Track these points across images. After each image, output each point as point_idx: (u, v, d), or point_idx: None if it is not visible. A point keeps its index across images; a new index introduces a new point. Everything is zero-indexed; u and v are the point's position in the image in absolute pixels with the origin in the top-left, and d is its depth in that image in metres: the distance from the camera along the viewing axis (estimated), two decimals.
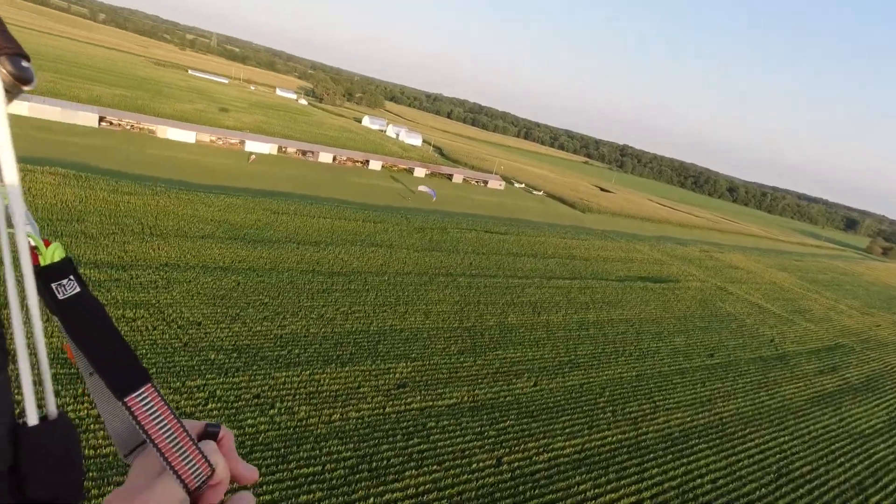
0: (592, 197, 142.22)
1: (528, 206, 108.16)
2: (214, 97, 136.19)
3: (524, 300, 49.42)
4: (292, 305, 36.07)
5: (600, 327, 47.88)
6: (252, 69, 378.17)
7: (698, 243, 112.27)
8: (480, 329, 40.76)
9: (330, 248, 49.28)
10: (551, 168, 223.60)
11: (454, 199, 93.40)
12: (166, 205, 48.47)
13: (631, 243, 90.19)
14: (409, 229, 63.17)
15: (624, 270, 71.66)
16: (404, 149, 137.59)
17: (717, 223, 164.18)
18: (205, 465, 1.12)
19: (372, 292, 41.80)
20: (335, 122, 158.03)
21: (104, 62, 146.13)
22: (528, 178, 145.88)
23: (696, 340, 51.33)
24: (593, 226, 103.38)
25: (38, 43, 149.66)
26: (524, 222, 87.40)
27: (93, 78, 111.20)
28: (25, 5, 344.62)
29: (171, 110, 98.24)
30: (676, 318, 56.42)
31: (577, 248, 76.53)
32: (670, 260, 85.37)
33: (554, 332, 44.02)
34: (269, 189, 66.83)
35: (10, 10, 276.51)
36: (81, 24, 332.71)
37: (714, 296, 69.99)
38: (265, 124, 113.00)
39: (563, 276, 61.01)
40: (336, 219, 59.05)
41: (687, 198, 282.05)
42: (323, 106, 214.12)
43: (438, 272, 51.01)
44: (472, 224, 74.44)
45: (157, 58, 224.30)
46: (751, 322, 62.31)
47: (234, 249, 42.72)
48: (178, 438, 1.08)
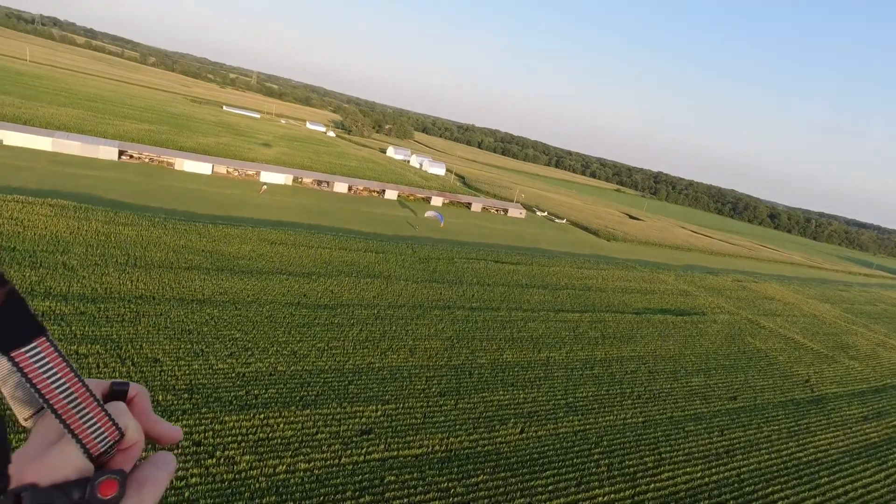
0: (619, 225, 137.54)
1: (548, 234, 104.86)
2: (241, 131, 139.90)
3: (525, 335, 46.15)
4: (265, 341, 34.15)
5: (607, 365, 44.01)
6: (288, 104, 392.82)
7: (731, 272, 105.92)
8: (470, 367, 37.77)
9: (322, 279, 47.57)
10: (580, 196, 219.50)
11: (469, 228, 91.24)
12: (160, 235, 48.04)
13: (655, 273, 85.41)
14: (413, 259, 61.11)
15: (643, 302, 67.25)
16: (425, 178, 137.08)
17: (755, 251, 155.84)
18: (111, 428, 1.04)
19: (356, 327, 39.56)
20: (359, 152, 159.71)
21: (141, 100, 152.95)
22: (553, 207, 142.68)
23: (718, 381, 46.63)
24: (616, 255, 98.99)
25: (82, 84, 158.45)
26: (540, 251, 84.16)
27: (125, 115, 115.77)
28: (84, 52, 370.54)
29: (192, 143, 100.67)
30: (697, 356, 51.75)
31: (593, 278, 72.63)
32: (697, 291, 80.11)
33: (553, 370, 40.53)
34: (274, 219, 66.33)
35: (73, 56, 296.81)
36: (132, 67, 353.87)
37: (743, 330, 64.57)
38: (286, 156, 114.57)
39: (573, 308, 57.36)
40: (335, 249, 57.60)
41: (724, 225, 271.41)
42: (350, 137, 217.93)
43: (435, 305, 48.44)
44: (483, 254, 71.83)
45: (197, 96, 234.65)
46: (783, 360, 56.76)
47: (218, 281, 41.46)
48: (79, 399, 0.98)
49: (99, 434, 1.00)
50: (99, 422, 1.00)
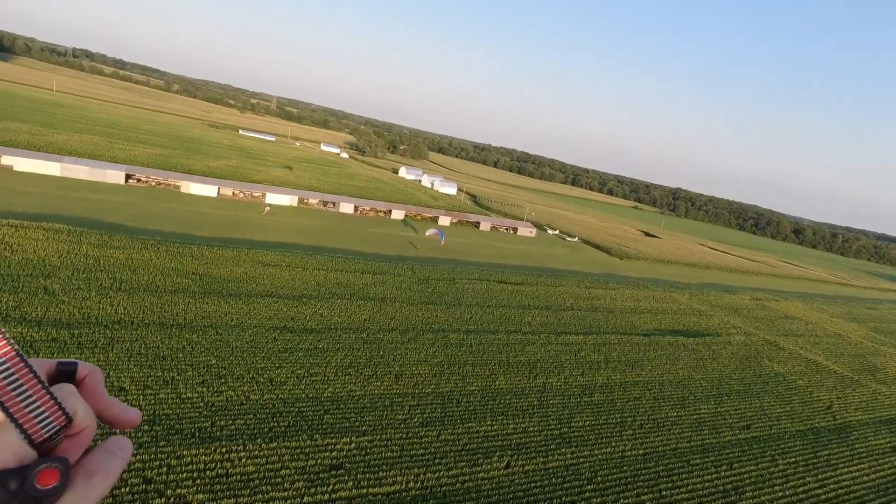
0: (633, 242, 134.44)
1: (558, 253, 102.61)
2: (253, 154, 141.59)
3: (522, 359, 44.03)
4: (241, 367, 32.85)
5: (609, 392, 41.55)
6: (306, 127, 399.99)
7: (750, 290, 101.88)
8: (458, 395, 35.84)
9: (312, 302, 46.34)
10: (596, 213, 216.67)
11: (476, 248, 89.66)
12: (150, 258, 47.55)
13: (668, 292, 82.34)
14: (412, 280, 59.65)
15: (654, 323, 64.45)
16: (435, 197, 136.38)
17: (777, 267, 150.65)
18: (56, 412, 0.95)
19: (341, 352, 38.05)
20: (369, 173, 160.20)
21: (158, 126, 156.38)
22: (566, 225, 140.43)
23: (730, 408, 43.69)
24: (629, 273, 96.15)
25: (103, 111, 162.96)
26: (548, 271, 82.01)
27: (139, 140, 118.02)
28: (112, 81, 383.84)
29: (201, 167, 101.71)
30: (708, 380, 48.82)
31: (601, 298, 70.10)
32: (712, 310, 76.77)
33: (549, 398, 38.31)
34: (274, 241, 65.76)
35: (99, 85, 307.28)
36: (156, 94, 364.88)
37: (760, 352, 61.18)
38: (294, 177, 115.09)
39: (576, 330, 55.02)
40: (331, 270, 56.51)
41: (746, 241, 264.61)
42: (363, 158, 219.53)
43: (429, 328, 46.74)
44: (486, 274, 70.03)
45: (215, 121, 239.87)
46: (803, 384, 53.32)
47: (203, 304, 40.52)
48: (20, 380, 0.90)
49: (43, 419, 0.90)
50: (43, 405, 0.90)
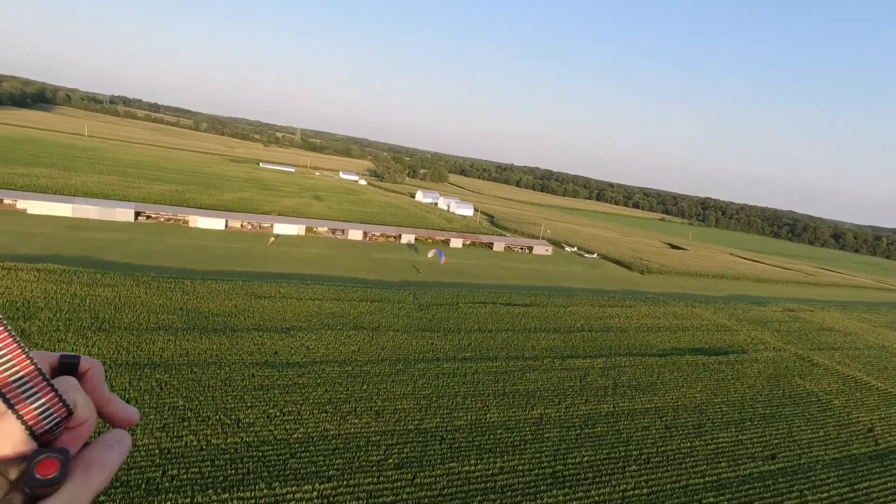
0: (656, 256, 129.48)
1: (575, 271, 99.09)
2: (267, 185, 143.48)
3: (520, 388, 41.16)
4: (209, 408, 31.19)
5: (614, 421, 38.21)
6: (329, 157, 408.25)
7: (783, 301, 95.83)
8: (444, 430, 33.27)
9: (301, 334, 44.72)
10: (619, 228, 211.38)
11: (487, 270, 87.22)
12: (139, 295, 46.95)
13: (690, 307, 77.83)
14: (411, 307, 57.59)
15: (672, 341, 60.45)
16: (449, 220, 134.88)
17: (814, 275, 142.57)
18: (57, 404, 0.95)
19: (322, 387, 36.07)
20: (384, 198, 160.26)
21: (179, 163, 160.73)
22: (585, 241, 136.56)
23: (753, 435, 39.64)
24: (649, 288, 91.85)
25: (127, 153, 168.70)
26: (561, 290, 78.78)
27: (156, 178, 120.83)
28: (144, 124, 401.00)
29: (213, 200, 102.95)
30: (730, 404, 44.76)
31: (615, 316, 66.46)
32: (738, 324, 71.94)
33: (545, 431, 35.30)
34: (274, 271, 64.94)
35: (131, 128, 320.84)
36: (185, 133, 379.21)
37: (791, 369, 56.39)
38: (305, 206, 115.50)
39: (585, 353, 51.74)
40: (327, 300, 54.99)
41: (782, 248, 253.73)
42: (381, 184, 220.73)
43: (421, 357, 44.42)
44: (493, 296, 67.42)
45: (238, 155, 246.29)
46: (840, 404, 48.49)
47: (183, 341, 39.33)
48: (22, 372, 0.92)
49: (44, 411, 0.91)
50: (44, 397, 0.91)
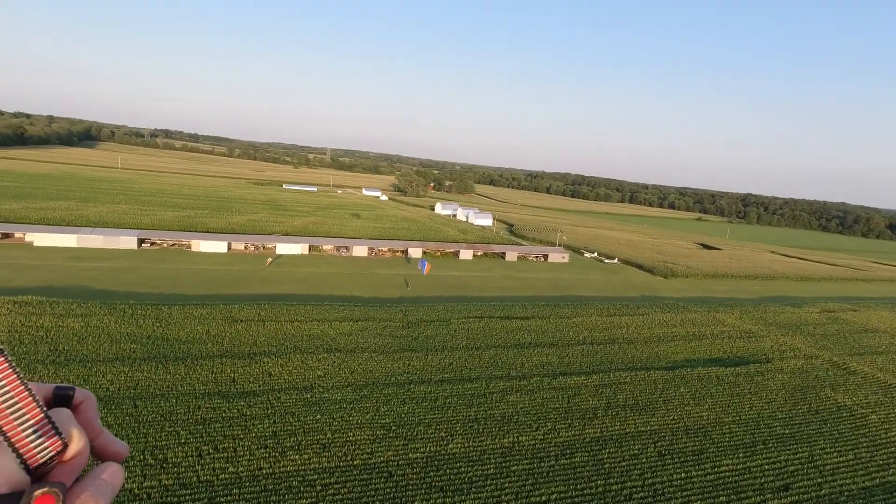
0: (684, 258, 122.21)
1: (592, 278, 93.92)
2: (284, 206, 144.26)
3: (495, 413, 37.36)
4: (138, 446, 28.93)
5: (598, 449, 33.89)
6: (358, 175, 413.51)
7: (823, 300, 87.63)
8: (394, 466, 29.92)
9: (267, 359, 42.39)
10: (650, 230, 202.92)
11: (494, 281, 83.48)
12: (108, 324, 45.83)
13: (712, 312, 71.65)
14: (398, 325, 54.60)
15: (685, 352, 55.09)
16: (464, 231, 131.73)
17: (864, 270, 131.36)
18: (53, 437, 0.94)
19: (270, 419, 33.42)
20: (401, 213, 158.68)
21: (201, 189, 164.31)
22: (609, 246, 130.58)
23: (766, 461, 34.44)
24: (670, 294, 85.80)
25: (153, 182, 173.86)
26: (570, 299, 74.16)
27: (174, 204, 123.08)
28: (180, 154, 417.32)
29: (223, 224, 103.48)
30: (742, 423, 39.50)
31: (624, 326, 61.46)
32: (765, 330, 65.41)
33: (513, 462, 31.42)
34: (266, 293, 63.39)
35: (167, 159, 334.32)
36: (217, 160, 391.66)
37: (822, 379, 50.11)
38: (315, 224, 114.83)
39: (580, 369, 47.35)
40: (307, 321, 52.67)
41: (830, 243, 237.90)
42: (402, 199, 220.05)
43: (392, 381, 41.27)
44: (491, 310, 63.68)
45: (265, 178, 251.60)
46: (877, 419, 42.24)
47: (136, 372, 37.58)
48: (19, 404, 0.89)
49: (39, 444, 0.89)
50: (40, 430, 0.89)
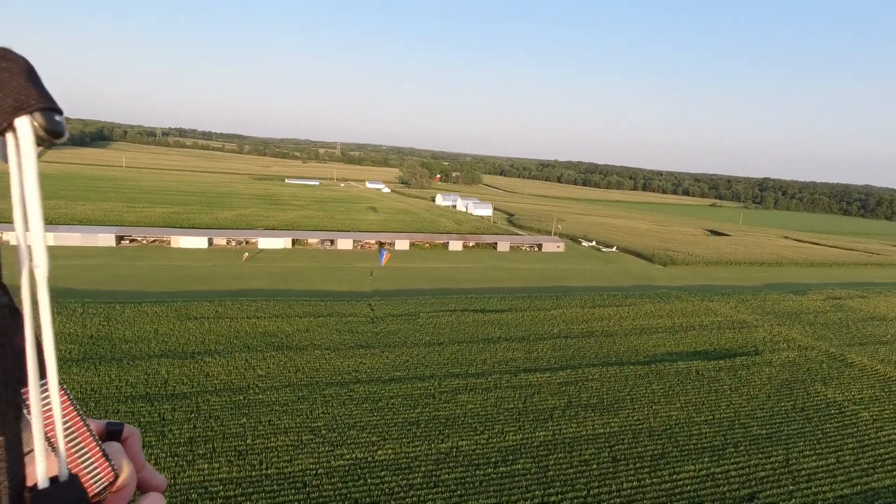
0: (687, 245, 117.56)
1: (585, 268, 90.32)
2: (277, 200, 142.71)
3: (441, 414, 34.66)
4: None
5: (545, 454, 30.97)
6: (367, 168, 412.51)
7: (830, 287, 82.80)
8: (311, 475, 27.43)
9: (209, 358, 40.24)
10: (658, 217, 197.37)
11: (479, 273, 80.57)
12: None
13: (705, 301, 67.75)
14: (361, 321, 52.10)
15: (669, 344, 51.64)
16: (459, 222, 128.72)
17: (880, 254, 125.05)
18: (107, 469, 1.00)
19: (191, 423, 31.19)
20: (398, 205, 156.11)
21: (198, 185, 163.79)
22: (610, 234, 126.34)
23: (734, 466, 31.19)
24: (666, 282, 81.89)
25: (153, 180, 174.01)
26: (556, 290, 70.90)
27: (165, 200, 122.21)
28: (190, 151, 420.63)
29: (210, 219, 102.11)
30: (715, 423, 36.19)
31: (607, 318, 58.12)
32: (760, 320, 61.41)
33: (445, 470, 28.70)
34: (234, 289, 61.45)
35: (177, 157, 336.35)
36: (226, 157, 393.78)
37: (813, 372, 46.29)
38: (306, 218, 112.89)
39: (548, 365, 44.34)
40: (266, 317, 50.45)
41: (851, 226, 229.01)
42: (404, 191, 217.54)
43: (337, 380, 38.79)
44: (467, 302, 60.83)
45: (270, 173, 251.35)
46: (869, 417, 38.48)
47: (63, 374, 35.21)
48: (79, 438, 0.96)
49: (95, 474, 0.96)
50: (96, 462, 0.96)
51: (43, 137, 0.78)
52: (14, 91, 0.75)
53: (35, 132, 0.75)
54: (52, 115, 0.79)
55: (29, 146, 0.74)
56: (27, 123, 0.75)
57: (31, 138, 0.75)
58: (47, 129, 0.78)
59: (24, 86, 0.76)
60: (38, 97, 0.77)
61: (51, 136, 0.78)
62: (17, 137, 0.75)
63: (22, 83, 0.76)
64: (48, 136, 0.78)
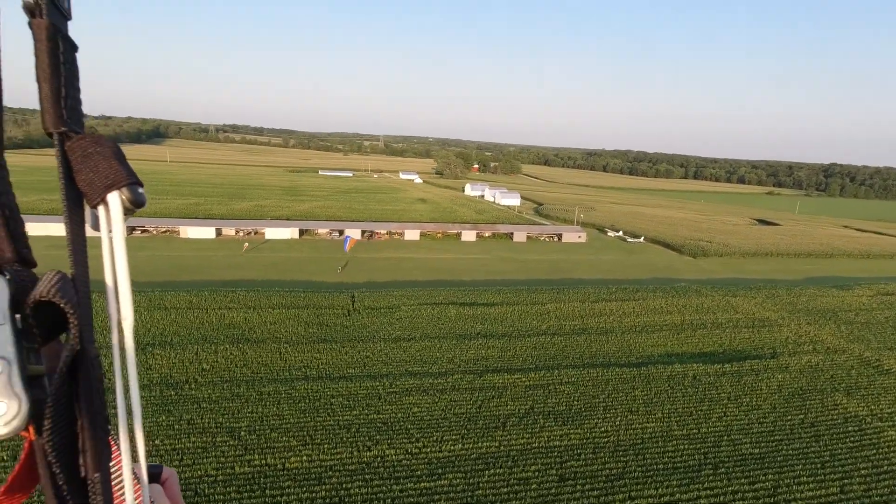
0: (726, 235, 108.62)
1: (603, 259, 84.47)
2: (301, 191, 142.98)
3: (379, 418, 31.43)
4: None
5: (481, 469, 27.18)
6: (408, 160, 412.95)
7: (883, 281, 73.29)
8: (207, 483, 24.89)
9: (158, 350, 38.61)
10: (703, 206, 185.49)
11: (485, 264, 76.72)
12: None
13: (728, 296, 61.03)
14: (334, 313, 49.52)
15: (671, 344, 46.20)
16: (480, 212, 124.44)
17: None
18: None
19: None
20: (420, 194, 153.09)
21: (232, 178, 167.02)
22: (640, 223, 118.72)
23: (707, 491, 26.37)
24: (692, 275, 75.04)
25: (188, 173, 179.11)
26: (560, 283, 66.04)
27: (190, 192, 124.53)
28: (238, 146, 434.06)
29: (225, 210, 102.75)
30: (698, 438, 31.17)
31: (607, 314, 53.00)
32: (788, 317, 54.41)
33: (357, 485, 25.48)
34: (223, 279, 60.42)
35: (222, 152, 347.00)
36: (269, 151, 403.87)
37: (839, 380, 39.81)
38: (321, 208, 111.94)
39: (521, 365, 40.22)
40: (237, 308, 48.71)
41: None
42: (436, 181, 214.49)
43: (282, 376, 36.26)
44: (457, 295, 57.22)
45: (305, 166, 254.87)
46: (894, 437, 32.21)
47: None
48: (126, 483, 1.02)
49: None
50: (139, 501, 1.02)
51: (129, 208, 0.90)
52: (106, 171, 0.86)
53: (122, 205, 0.87)
54: (136, 188, 0.90)
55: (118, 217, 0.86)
56: (117, 198, 0.86)
57: (120, 210, 0.86)
58: (133, 201, 0.90)
59: (114, 167, 0.87)
60: (126, 176, 0.87)
61: (135, 206, 0.90)
62: (108, 210, 0.87)
63: (113, 165, 0.87)
64: (133, 206, 0.90)
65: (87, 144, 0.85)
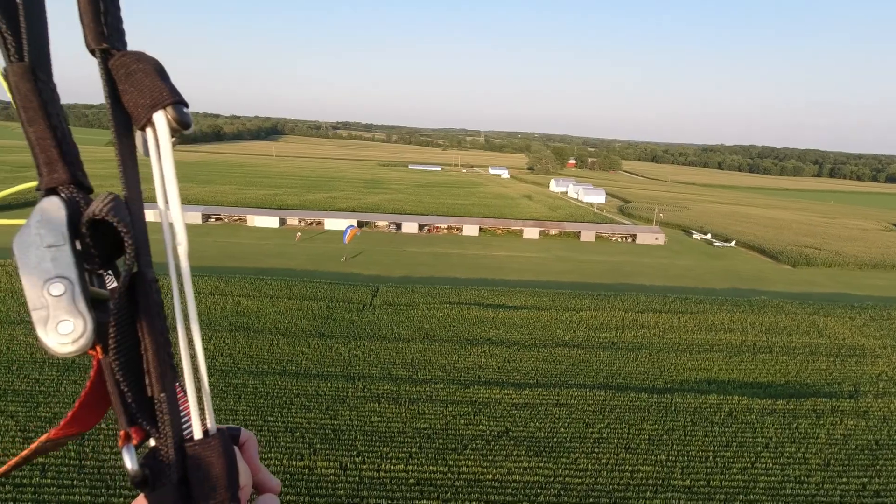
0: (843, 243, 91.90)
1: (677, 264, 75.01)
2: (380, 184, 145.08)
3: (327, 425, 28.87)
4: None
5: (413, 496, 23.55)
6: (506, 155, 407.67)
7: None
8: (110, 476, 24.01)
9: None
10: (828, 208, 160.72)
11: (538, 263, 71.70)
12: None
13: (815, 314, 50.34)
14: (348, 307, 47.87)
15: (717, 369, 38.57)
16: (553, 209, 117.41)
17: None
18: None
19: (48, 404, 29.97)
20: (502, 190, 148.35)
21: (319, 171, 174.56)
22: (738, 226, 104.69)
23: None
24: (783, 287, 63.76)
25: (282, 166, 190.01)
26: (613, 288, 59.09)
27: (273, 184, 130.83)
28: (342, 142, 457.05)
29: (297, 201, 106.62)
30: (702, 496, 24.79)
31: (649, 326, 45.92)
32: (889, 348, 43.27)
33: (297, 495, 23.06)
34: (261, 266, 61.81)
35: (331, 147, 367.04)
36: (370, 146, 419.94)
37: None
38: (391, 201, 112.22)
39: (518, 380, 35.55)
40: (251, 296, 48.74)
41: None
42: (523, 176, 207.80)
43: (258, 370, 35.05)
44: (486, 296, 53.17)
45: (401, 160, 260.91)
46: None
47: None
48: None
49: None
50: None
51: (175, 129, 0.85)
52: (150, 89, 0.82)
53: (169, 125, 0.83)
54: (181, 107, 0.86)
55: (166, 138, 0.82)
56: (163, 118, 0.82)
57: (167, 131, 0.82)
58: (179, 120, 0.85)
59: (158, 85, 0.83)
60: (170, 93, 0.83)
61: (181, 127, 0.86)
62: (155, 131, 0.83)
63: (156, 82, 0.83)
64: (179, 126, 0.85)
65: (129, 61, 0.81)
